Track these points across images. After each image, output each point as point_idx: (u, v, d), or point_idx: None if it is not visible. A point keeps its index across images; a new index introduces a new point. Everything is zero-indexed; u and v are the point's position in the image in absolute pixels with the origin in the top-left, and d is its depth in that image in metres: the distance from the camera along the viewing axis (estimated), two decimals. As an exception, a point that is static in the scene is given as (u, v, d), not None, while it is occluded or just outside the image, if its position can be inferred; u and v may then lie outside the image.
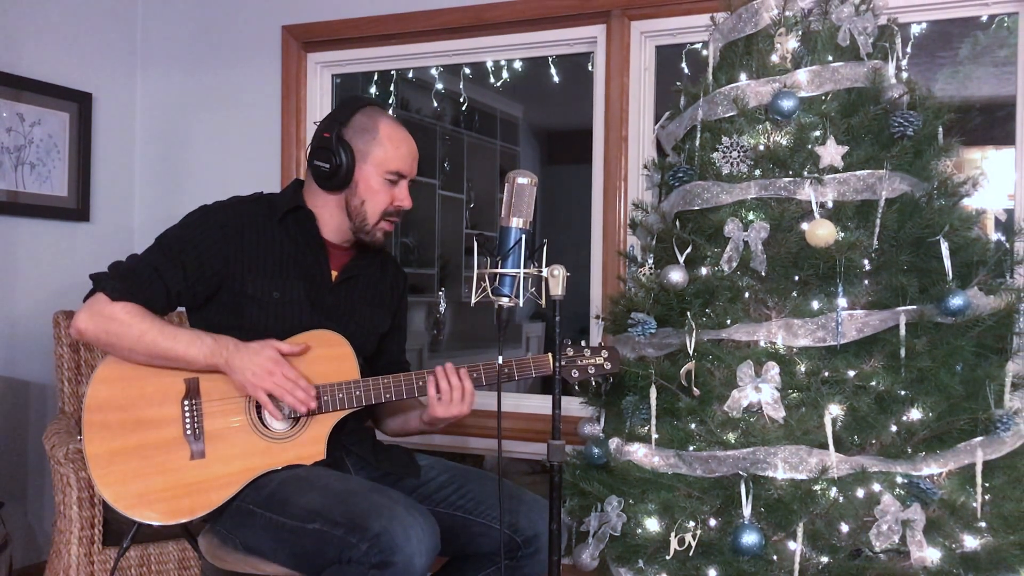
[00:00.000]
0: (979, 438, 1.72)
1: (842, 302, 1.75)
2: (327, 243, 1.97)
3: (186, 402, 1.81)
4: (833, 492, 1.66)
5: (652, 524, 1.78)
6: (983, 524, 1.67)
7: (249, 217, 1.91)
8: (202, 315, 1.91)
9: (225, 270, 1.87)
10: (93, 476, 1.76)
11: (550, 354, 1.82)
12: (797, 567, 1.63)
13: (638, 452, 1.83)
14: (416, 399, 1.97)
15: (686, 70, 2.93)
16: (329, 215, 1.96)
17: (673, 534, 1.71)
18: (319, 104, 3.29)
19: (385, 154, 1.91)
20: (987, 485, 1.70)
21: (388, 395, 1.86)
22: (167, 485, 1.77)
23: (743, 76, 1.91)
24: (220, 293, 1.89)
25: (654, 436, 1.82)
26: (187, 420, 1.80)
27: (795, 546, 1.64)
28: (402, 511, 1.65)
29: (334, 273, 1.98)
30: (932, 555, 1.62)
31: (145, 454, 1.78)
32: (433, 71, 3.62)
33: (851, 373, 1.72)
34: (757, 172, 1.84)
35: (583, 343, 1.91)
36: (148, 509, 1.76)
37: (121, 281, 1.80)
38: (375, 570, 1.59)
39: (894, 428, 1.73)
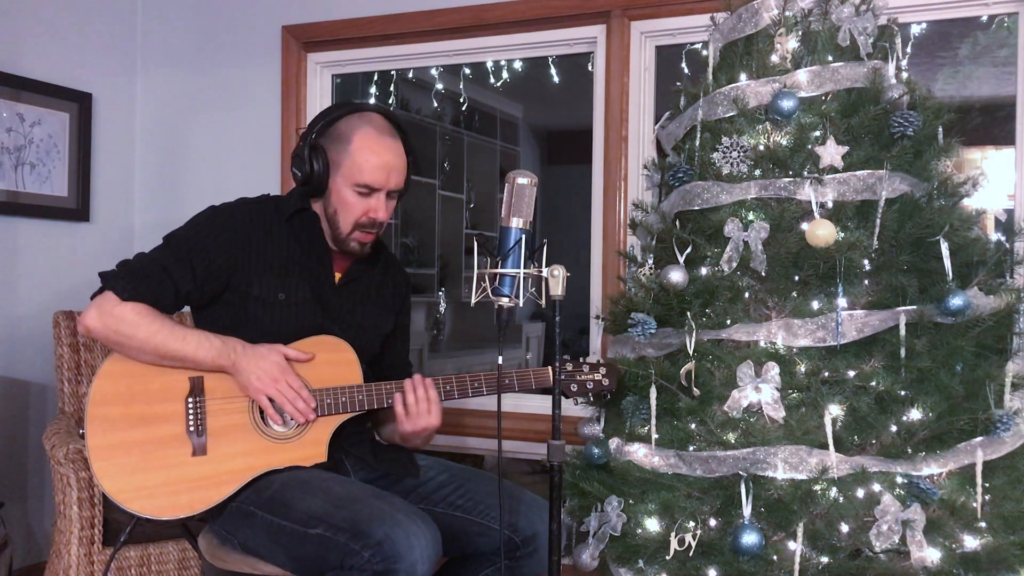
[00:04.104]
0: (979, 438, 1.71)
1: (842, 302, 1.74)
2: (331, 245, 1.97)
3: (190, 399, 1.81)
4: (833, 492, 1.66)
5: (652, 524, 1.78)
6: (983, 524, 1.67)
7: (256, 218, 1.92)
8: (207, 315, 1.91)
9: (232, 270, 1.87)
10: (94, 468, 1.76)
11: (550, 367, 1.82)
12: (797, 567, 1.63)
13: (638, 452, 1.83)
14: None
15: (686, 70, 2.93)
16: (322, 217, 1.96)
17: (673, 534, 1.71)
18: (319, 104, 3.28)
19: (353, 166, 1.86)
20: (987, 485, 1.70)
21: (390, 400, 1.86)
22: (167, 480, 1.78)
23: (743, 76, 1.91)
24: (226, 293, 1.89)
25: (654, 436, 1.82)
26: (190, 417, 1.80)
27: (795, 546, 1.64)
28: (405, 518, 1.65)
29: (337, 275, 1.98)
30: (932, 555, 1.62)
31: (147, 449, 1.78)
32: (433, 71, 3.63)
33: (851, 373, 1.72)
34: (757, 172, 1.84)
35: (582, 359, 1.92)
36: (147, 503, 1.76)
37: (130, 280, 1.80)
38: None
39: (894, 428, 1.72)
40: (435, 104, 4.78)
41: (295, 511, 1.71)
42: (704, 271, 1.84)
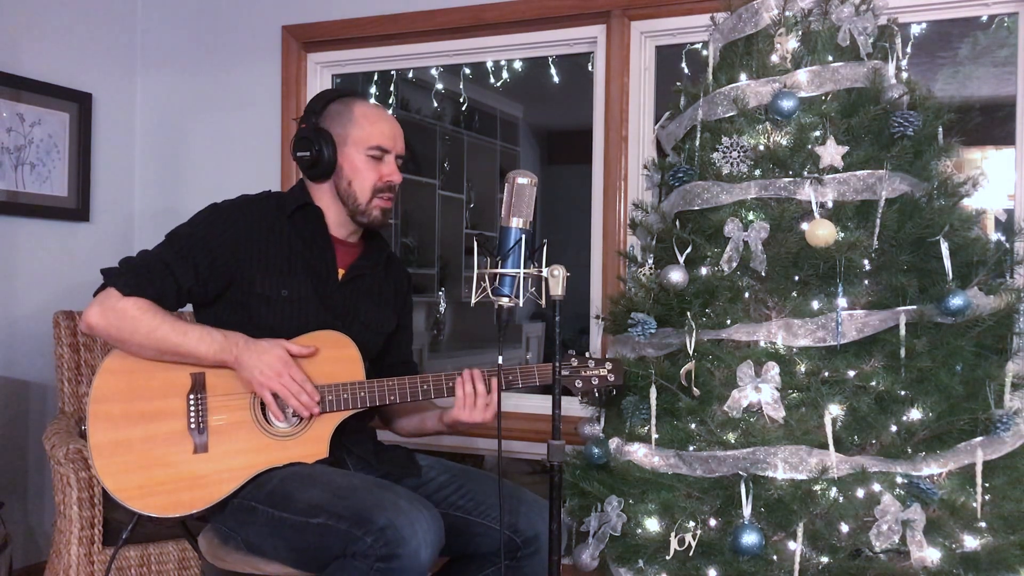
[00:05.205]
0: (979, 438, 1.72)
1: (842, 302, 1.75)
2: (334, 240, 1.98)
3: (191, 396, 1.81)
4: (833, 492, 1.66)
5: (652, 524, 1.78)
6: (983, 524, 1.67)
7: (259, 215, 1.93)
8: (210, 312, 1.91)
9: (235, 267, 1.87)
10: (95, 465, 1.76)
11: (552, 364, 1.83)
12: (797, 567, 1.63)
13: (638, 452, 1.83)
14: (429, 401, 1.97)
15: (686, 70, 2.93)
16: (328, 207, 1.97)
17: (673, 534, 1.71)
18: (319, 104, 3.28)
19: (362, 132, 1.93)
20: (987, 485, 1.70)
21: (392, 397, 1.86)
22: (169, 478, 1.78)
23: (743, 76, 1.91)
24: (229, 290, 1.89)
25: (654, 436, 1.82)
26: (192, 414, 1.81)
27: (795, 546, 1.64)
28: (407, 505, 1.65)
29: (341, 271, 1.98)
30: (932, 555, 1.62)
31: (148, 446, 1.78)
32: (433, 71, 3.63)
33: (851, 373, 1.72)
34: (757, 172, 1.84)
35: (588, 355, 1.91)
36: (148, 501, 1.77)
37: (132, 276, 1.80)
38: (381, 563, 1.59)
39: (894, 428, 1.73)
40: (435, 104, 4.78)
41: (296, 503, 1.72)
42: (704, 271, 1.84)
